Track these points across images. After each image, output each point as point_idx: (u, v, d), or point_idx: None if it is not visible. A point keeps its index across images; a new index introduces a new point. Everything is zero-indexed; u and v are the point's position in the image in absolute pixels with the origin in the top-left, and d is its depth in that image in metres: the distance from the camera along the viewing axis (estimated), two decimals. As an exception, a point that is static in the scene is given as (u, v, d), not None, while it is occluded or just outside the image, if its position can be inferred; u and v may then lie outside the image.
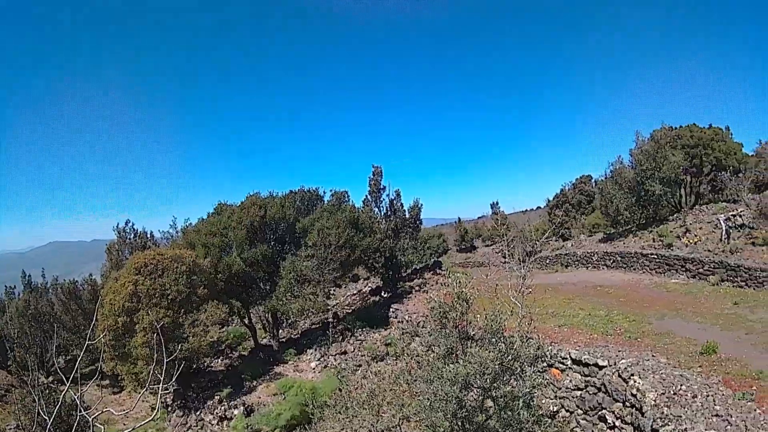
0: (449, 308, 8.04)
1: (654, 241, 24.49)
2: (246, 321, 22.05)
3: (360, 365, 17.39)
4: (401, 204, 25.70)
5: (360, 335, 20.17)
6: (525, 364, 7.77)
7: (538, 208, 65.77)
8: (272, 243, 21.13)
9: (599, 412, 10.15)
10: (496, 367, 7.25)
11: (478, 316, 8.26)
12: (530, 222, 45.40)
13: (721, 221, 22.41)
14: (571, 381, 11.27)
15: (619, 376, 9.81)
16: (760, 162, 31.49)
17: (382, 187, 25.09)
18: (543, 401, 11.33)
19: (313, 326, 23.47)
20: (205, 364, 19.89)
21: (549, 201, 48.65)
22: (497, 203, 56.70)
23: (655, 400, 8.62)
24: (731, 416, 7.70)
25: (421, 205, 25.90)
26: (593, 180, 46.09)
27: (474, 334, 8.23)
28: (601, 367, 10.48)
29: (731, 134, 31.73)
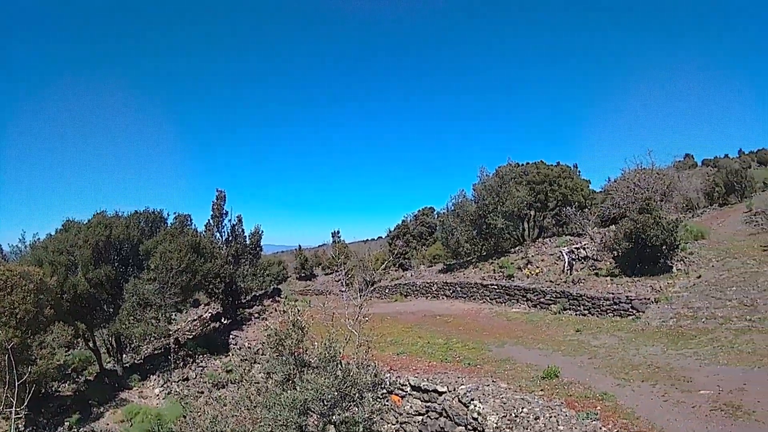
0: (285, 336, 10.31)
1: (495, 272, 30.67)
2: (91, 344, 25.66)
3: (202, 392, 21.85)
4: (242, 230, 32.00)
5: (201, 361, 25.07)
6: (363, 390, 9.80)
7: (379, 238, 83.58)
8: (116, 264, 25.42)
9: (443, 436, 12.45)
10: (334, 393, 9.22)
11: (316, 343, 10.32)
12: (371, 251, 60.26)
13: (564, 253, 28.51)
14: (411, 407, 13.65)
15: (460, 401, 12.11)
16: (607, 198, 40.90)
17: (224, 212, 31.34)
18: (385, 426, 13.59)
19: (156, 351, 27.90)
20: (53, 388, 23.01)
21: (390, 231, 61.80)
22: (338, 232, 71.64)
23: (496, 423, 10.73)
24: (576, 435, 9.80)
25: (262, 231, 32.78)
26: (435, 212, 58.34)
27: (311, 361, 10.31)
28: (440, 393, 12.86)
29: (579, 172, 42.12)
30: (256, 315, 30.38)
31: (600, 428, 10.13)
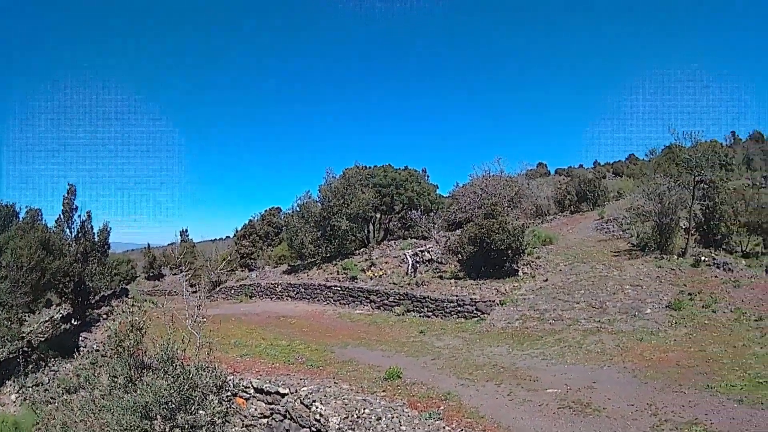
0: (124, 337, 10.93)
1: (339, 274, 32.26)
2: (-64, 351, 25.37)
3: (53, 397, 21.52)
4: (91, 226, 32.78)
5: (53, 365, 25.80)
6: (207, 393, 10.54)
7: (227, 237, 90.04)
8: (-31, 260, 25.46)
9: (289, 438, 12.94)
10: (176, 396, 9.83)
11: (157, 344, 10.79)
12: (218, 251, 64.50)
13: (408, 256, 30.22)
14: (256, 409, 14.20)
15: (302, 402, 12.68)
16: (454, 203, 44.34)
17: (74, 206, 31.86)
18: (233, 429, 13.70)
19: (11, 355, 27.53)
20: None
21: (237, 231, 65.94)
22: (186, 231, 76.57)
23: (338, 425, 11.20)
24: (419, 434, 10.38)
25: (110, 228, 33.80)
26: (282, 213, 60.90)
27: (150, 363, 10.90)
28: (283, 395, 13.46)
29: (427, 176, 46.23)
30: (104, 316, 31.39)
31: (443, 428, 10.69)
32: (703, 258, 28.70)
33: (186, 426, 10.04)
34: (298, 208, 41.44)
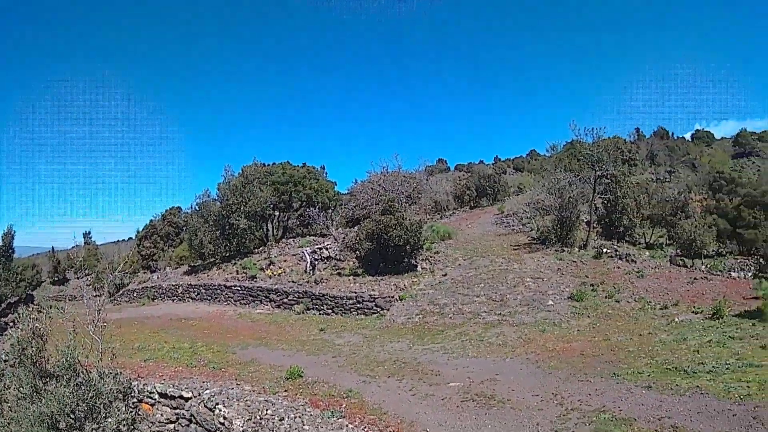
0: (26, 344, 10.73)
1: (238, 273, 32.27)
2: None
3: None
4: None
5: None
6: (111, 399, 10.37)
7: (130, 239, 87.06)
8: None
9: (195, 443, 12.83)
10: (82, 405, 9.80)
11: (59, 352, 10.71)
12: (121, 253, 65.37)
13: (306, 253, 30.41)
14: (162, 415, 13.93)
15: (205, 406, 12.62)
16: (352, 199, 44.88)
17: None
18: None
19: None
20: None
21: (138, 232, 65.43)
22: (90, 233, 74.09)
23: (242, 427, 11.18)
24: (318, 433, 10.57)
25: (14, 232, 35.80)
26: (182, 212, 61.55)
27: (54, 372, 10.70)
28: (186, 399, 13.33)
29: (326, 173, 46.25)
30: (11, 324, 29.64)
31: (346, 425, 10.82)
32: (605, 250, 30.17)
33: (93, 436, 9.84)
34: (197, 207, 41.23)
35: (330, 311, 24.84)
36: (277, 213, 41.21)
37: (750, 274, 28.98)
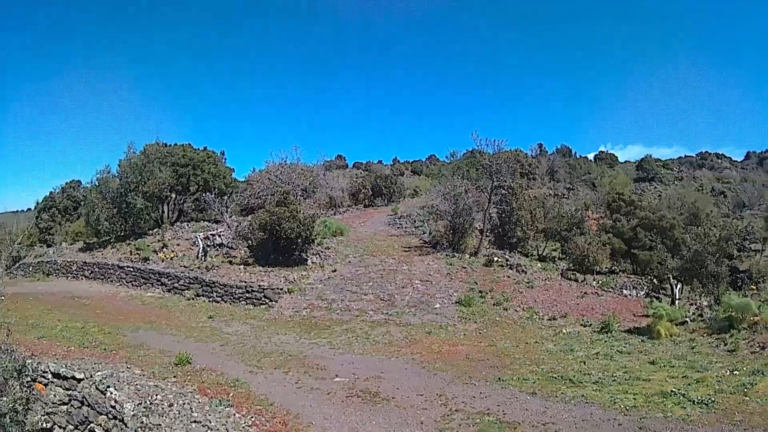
0: None
1: (132, 254, 31.98)
2: None
3: None
4: None
5: None
6: (6, 377, 10.37)
7: (29, 209, 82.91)
8: None
9: (88, 426, 12.54)
10: None
11: None
12: (20, 224, 58.69)
13: (199, 239, 30.45)
14: (55, 395, 13.50)
15: (97, 388, 12.46)
16: (249, 188, 45.26)
17: None
18: (36, 417, 13.24)
19: None
20: None
21: (38, 203, 63.66)
22: None
23: (133, 411, 11.25)
24: (210, 421, 10.79)
25: None
26: (81, 186, 58.42)
27: None
28: (79, 380, 13.04)
29: (225, 159, 46.33)
30: None
31: (234, 414, 11.28)
32: (496, 258, 31.30)
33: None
34: (96, 183, 40.15)
35: (219, 299, 25.02)
36: (173, 195, 40.65)
37: (642, 293, 30.45)
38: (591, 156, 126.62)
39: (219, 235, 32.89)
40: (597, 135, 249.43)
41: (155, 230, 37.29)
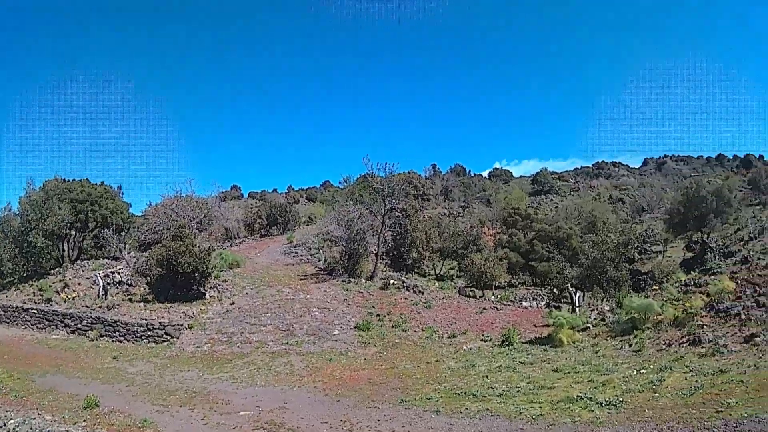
0: None
1: (35, 295, 30.83)
2: None
3: None
4: None
5: None
6: None
7: None
8: None
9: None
10: None
11: None
12: None
13: (99, 277, 30.02)
14: None
15: None
16: (146, 222, 44.44)
17: None
18: None
19: None
20: None
21: None
22: None
23: None
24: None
25: None
26: None
27: None
28: None
29: (122, 193, 45.93)
30: None
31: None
32: (392, 281, 32.18)
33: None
34: (-1, 221, 37.92)
35: (122, 338, 24.75)
36: (73, 233, 39.39)
37: (543, 303, 31.62)
38: (486, 173, 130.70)
39: (118, 273, 32.43)
40: (492, 152, 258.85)
41: (57, 269, 36.04)
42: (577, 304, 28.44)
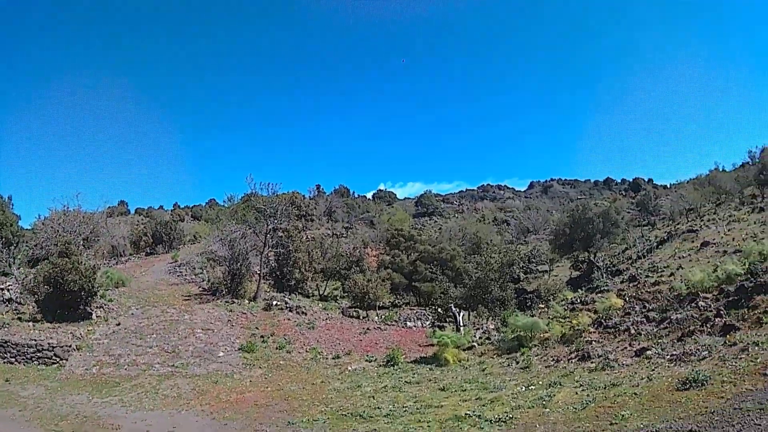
0: None
1: None
2: None
3: None
4: None
5: None
6: None
7: None
8: None
9: None
10: None
11: None
12: None
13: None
14: None
15: None
16: (34, 237, 42.48)
17: None
18: None
19: None
20: None
21: None
22: None
23: None
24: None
25: None
26: None
27: None
28: None
29: (12, 205, 44.32)
30: None
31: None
32: (275, 302, 32.54)
33: None
34: None
35: (14, 359, 23.67)
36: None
37: (427, 323, 32.38)
38: (370, 195, 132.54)
39: (8, 290, 30.83)
40: (376, 174, 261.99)
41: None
42: (461, 324, 28.95)
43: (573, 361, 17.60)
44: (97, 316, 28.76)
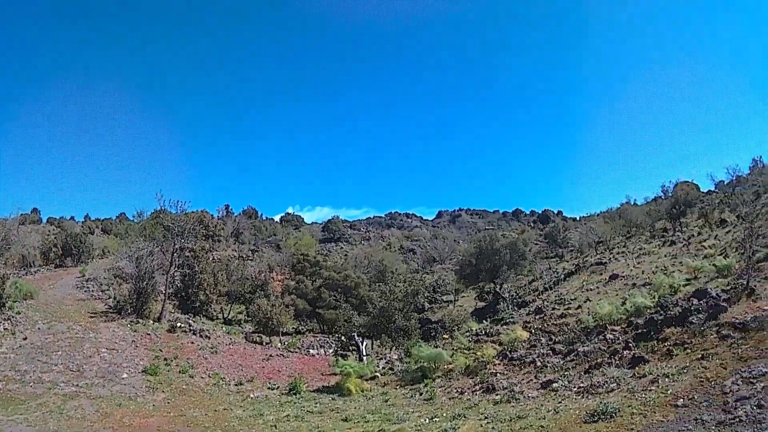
0: None
1: None
2: None
3: None
4: None
5: None
6: None
7: None
8: None
9: None
10: None
11: None
12: None
13: None
14: None
15: None
16: None
17: None
18: None
19: None
20: None
21: None
22: None
23: None
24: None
25: None
26: None
27: None
28: None
29: None
30: None
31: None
32: (179, 324, 31.59)
33: None
34: None
35: None
36: None
37: (331, 351, 31.74)
38: (278, 218, 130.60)
39: None
40: (285, 197, 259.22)
41: None
42: (364, 353, 28.96)
43: (478, 393, 17.48)
44: (4, 329, 27.61)
